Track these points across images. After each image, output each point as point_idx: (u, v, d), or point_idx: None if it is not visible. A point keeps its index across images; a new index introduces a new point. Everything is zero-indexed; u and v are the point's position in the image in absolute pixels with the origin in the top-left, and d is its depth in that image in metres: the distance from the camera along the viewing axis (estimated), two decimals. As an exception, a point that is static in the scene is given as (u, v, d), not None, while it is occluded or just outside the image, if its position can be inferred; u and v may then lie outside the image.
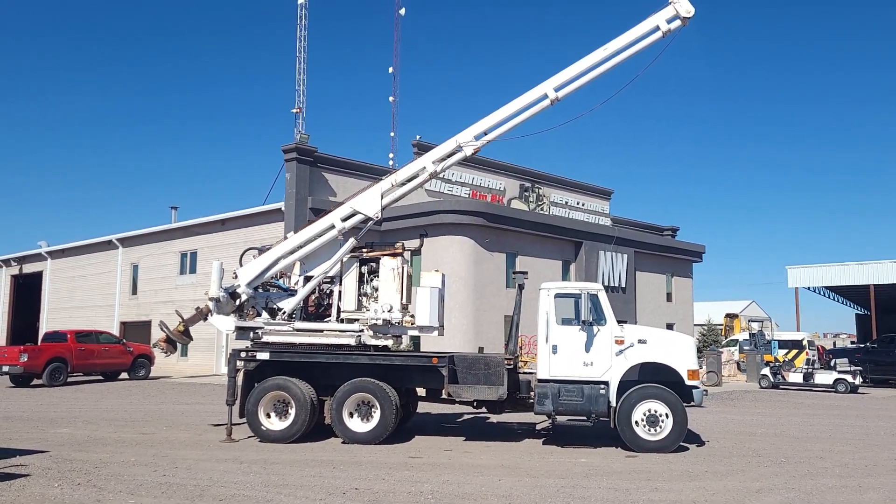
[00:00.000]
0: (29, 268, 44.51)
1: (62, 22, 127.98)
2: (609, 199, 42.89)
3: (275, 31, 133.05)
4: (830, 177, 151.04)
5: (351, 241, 13.21)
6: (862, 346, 34.64)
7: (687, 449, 11.82)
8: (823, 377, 25.77)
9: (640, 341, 11.94)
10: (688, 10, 13.25)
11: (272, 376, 12.38)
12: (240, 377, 12.62)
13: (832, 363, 26.69)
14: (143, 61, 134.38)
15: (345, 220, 13.36)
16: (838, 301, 58.88)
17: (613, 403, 11.72)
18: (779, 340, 35.38)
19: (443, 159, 13.56)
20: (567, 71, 13.42)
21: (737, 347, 35.59)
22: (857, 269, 42.99)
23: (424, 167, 13.55)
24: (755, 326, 37.04)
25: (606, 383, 11.79)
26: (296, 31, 35.17)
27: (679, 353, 11.94)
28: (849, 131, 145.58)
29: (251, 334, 13.07)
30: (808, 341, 36.57)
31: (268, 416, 12.29)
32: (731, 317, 53.90)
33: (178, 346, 13.85)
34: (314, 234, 13.35)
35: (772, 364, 27.81)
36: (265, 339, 12.92)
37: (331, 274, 13.26)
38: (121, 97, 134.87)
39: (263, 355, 12.56)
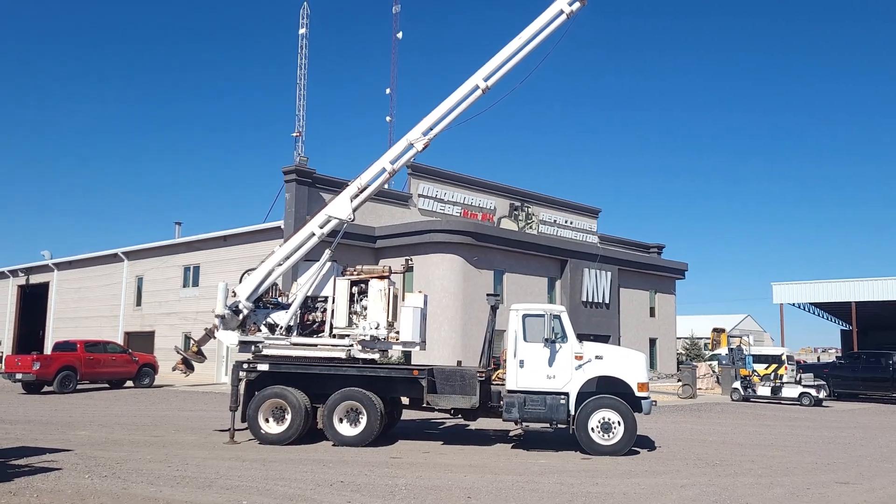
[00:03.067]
0: (36, 279, 46.03)
1: (68, 35, 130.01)
2: (597, 218, 44.51)
3: (278, 56, 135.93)
4: (823, 192, 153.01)
5: (327, 253, 14.78)
6: (830, 361, 36.16)
7: (637, 453, 13.34)
8: (790, 391, 27.29)
9: (597, 357, 13.49)
10: None
11: (271, 385, 13.90)
12: (242, 386, 14.14)
13: (798, 378, 28.20)
14: (153, 84, 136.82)
15: (322, 226, 15.06)
16: (824, 317, 60.55)
17: (573, 412, 13.24)
18: (760, 355, 36.93)
19: (398, 158, 15.23)
20: (491, 62, 15.20)
21: (716, 361, 37.12)
22: (839, 287, 44.56)
23: (384, 168, 15.24)
24: (734, 341, 38.61)
25: (567, 394, 13.32)
26: (297, 59, 36.63)
27: (631, 368, 13.49)
28: (835, 150, 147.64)
29: (252, 348, 14.62)
30: (786, 356, 38.13)
31: (266, 420, 13.80)
32: (718, 331, 55.47)
33: (195, 365, 15.38)
34: (298, 243, 15.04)
35: (743, 378, 29.29)
36: (265, 352, 14.47)
37: (323, 293, 14.83)
38: (126, 119, 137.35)
39: (263, 367, 14.10)
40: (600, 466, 11.79)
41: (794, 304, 49.67)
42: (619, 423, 13.05)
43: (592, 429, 13.11)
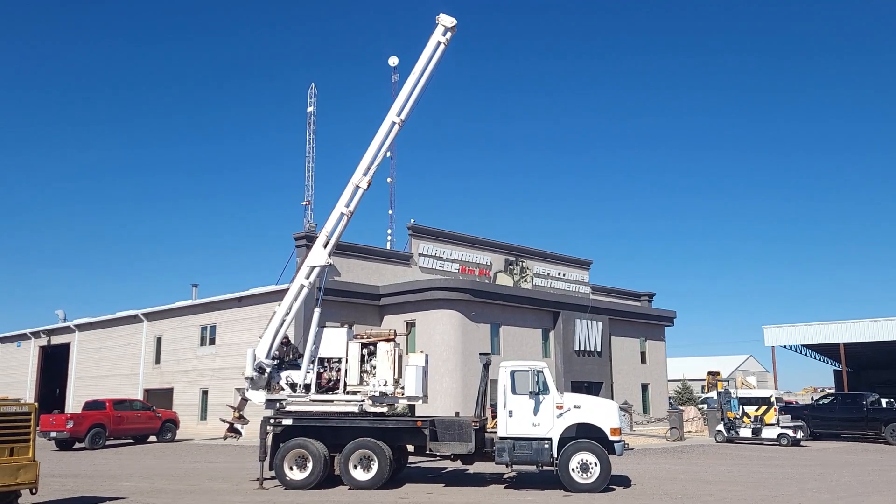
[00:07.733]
0: (57, 339, 48.24)
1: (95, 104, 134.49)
2: (588, 269, 46.84)
3: (288, 127, 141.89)
4: (818, 232, 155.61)
5: (317, 312, 17.04)
6: (808, 403, 38.03)
7: (613, 489, 15.38)
8: (769, 432, 29.25)
9: (575, 406, 15.64)
10: (451, 21, 18.06)
11: (294, 437, 16.05)
12: (269, 439, 16.29)
13: (777, 419, 30.11)
14: (170, 154, 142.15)
15: (307, 276, 17.44)
16: (818, 358, 62.43)
17: (555, 455, 15.34)
18: (749, 398, 38.85)
19: (350, 200, 17.68)
20: (398, 100, 17.99)
21: (706, 404, 39.00)
22: (827, 329, 46.56)
23: (342, 213, 17.72)
24: (722, 384, 40.44)
25: (550, 439, 15.43)
26: (306, 133, 39.58)
27: (604, 415, 15.62)
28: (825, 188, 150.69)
29: (277, 405, 16.81)
30: (775, 398, 40.07)
31: (291, 468, 15.90)
32: (713, 374, 57.31)
33: (241, 428, 17.40)
34: (292, 297, 17.43)
35: (728, 420, 31.18)
36: (288, 408, 16.65)
37: (337, 355, 17.01)
38: (142, 187, 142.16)
39: (287, 421, 16.26)
40: (578, 502, 13.85)
41: (785, 347, 51.68)
42: (595, 463, 15.12)
43: (573, 469, 15.16)
